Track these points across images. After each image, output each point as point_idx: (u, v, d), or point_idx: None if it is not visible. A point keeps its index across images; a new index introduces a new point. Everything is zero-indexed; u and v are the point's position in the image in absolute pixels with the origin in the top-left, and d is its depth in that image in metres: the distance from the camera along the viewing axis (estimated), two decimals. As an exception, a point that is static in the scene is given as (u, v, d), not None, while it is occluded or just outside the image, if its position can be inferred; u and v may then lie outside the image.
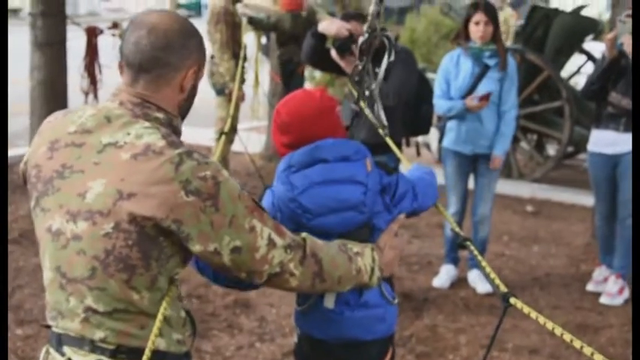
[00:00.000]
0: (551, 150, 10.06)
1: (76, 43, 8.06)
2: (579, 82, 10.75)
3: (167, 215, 1.74)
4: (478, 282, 5.21)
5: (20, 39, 9.03)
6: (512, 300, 2.10)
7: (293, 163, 2.29)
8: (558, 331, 1.92)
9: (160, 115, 1.87)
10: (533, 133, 9.75)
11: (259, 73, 7.21)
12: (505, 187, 7.51)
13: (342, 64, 4.28)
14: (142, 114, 1.84)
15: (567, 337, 1.87)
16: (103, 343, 1.81)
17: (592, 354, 1.73)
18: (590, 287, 5.29)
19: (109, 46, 7.31)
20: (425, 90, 4.77)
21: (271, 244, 1.86)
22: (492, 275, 2.22)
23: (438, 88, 5.08)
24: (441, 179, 5.40)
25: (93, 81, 7.50)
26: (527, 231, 6.69)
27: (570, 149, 10.03)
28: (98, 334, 1.81)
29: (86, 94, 7.46)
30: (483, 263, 2.32)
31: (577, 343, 1.80)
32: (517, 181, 8.44)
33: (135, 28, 1.85)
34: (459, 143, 5.09)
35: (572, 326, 4.65)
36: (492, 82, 4.98)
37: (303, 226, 2.24)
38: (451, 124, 5.08)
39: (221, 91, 6.82)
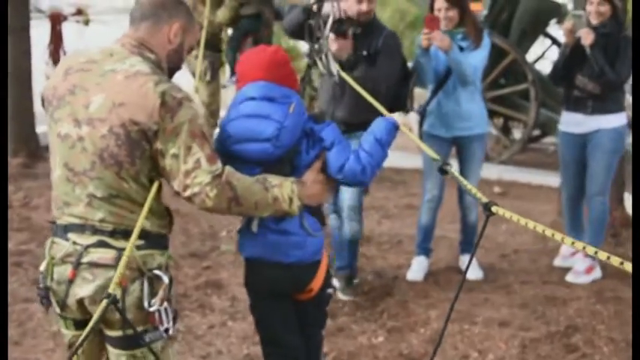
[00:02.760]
0: (518, 134, 10.18)
1: (38, 31, 7.97)
2: (544, 66, 10.87)
3: (148, 119, 2.30)
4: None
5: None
6: (494, 208, 2.22)
7: (235, 98, 2.76)
8: (540, 228, 2.01)
9: (152, 56, 2.45)
10: (500, 117, 9.85)
11: (225, 64, 7.21)
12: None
13: (334, 45, 4.25)
14: (137, 52, 2.42)
15: (568, 241, 1.96)
16: (103, 224, 2.37)
17: (621, 263, 1.79)
18: (557, 262, 5.36)
19: (73, 33, 7.24)
20: (405, 71, 4.76)
21: (197, 164, 2.35)
22: (474, 190, 2.39)
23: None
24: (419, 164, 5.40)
25: (58, 68, 7.43)
26: (495, 210, 6.75)
27: (537, 133, 10.14)
28: (98, 215, 2.37)
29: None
30: (464, 182, 2.52)
31: (590, 250, 1.89)
32: (484, 164, 8.49)
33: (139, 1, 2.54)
34: (438, 127, 4.97)
35: (541, 298, 4.72)
36: None
37: (227, 148, 2.68)
38: (431, 108, 4.99)
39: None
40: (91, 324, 2.16)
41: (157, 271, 2.41)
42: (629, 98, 5.88)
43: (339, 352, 4.00)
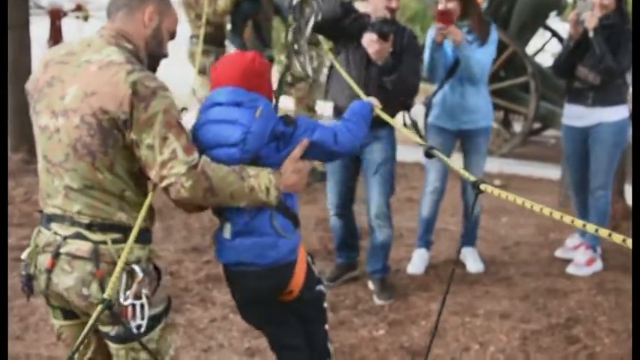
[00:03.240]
0: (518, 127, 10.17)
1: (38, 27, 7.96)
2: (544, 59, 10.86)
3: (118, 108, 2.30)
4: (469, 259, 5.16)
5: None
6: (483, 186, 2.26)
7: (203, 103, 2.73)
8: (537, 207, 2.03)
9: (129, 46, 2.47)
10: (500, 110, 9.83)
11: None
12: (473, 161, 7.57)
13: (374, 47, 4.23)
14: (115, 42, 2.44)
15: (567, 218, 1.99)
16: (80, 216, 2.39)
17: (624, 240, 1.85)
18: (558, 253, 5.36)
19: (73, 29, 7.23)
20: None
21: (174, 154, 2.35)
22: (461, 171, 2.45)
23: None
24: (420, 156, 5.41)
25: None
26: (495, 203, 6.74)
27: (537, 125, 10.13)
28: (75, 207, 2.40)
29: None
30: (450, 164, 2.61)
31: (591, 228, 1.92)
32: (485, 157, 8.50)
33: None
34: (443, 119, 4.96)
35: (542, 290, 4.72)
36: None
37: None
38: (436, 100, 4.98)
39: (202, 71, 6.74)
40: (85, 330, 2.22)
41: (133, 265, 2.40)
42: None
43: (341, 344, 4.01)
